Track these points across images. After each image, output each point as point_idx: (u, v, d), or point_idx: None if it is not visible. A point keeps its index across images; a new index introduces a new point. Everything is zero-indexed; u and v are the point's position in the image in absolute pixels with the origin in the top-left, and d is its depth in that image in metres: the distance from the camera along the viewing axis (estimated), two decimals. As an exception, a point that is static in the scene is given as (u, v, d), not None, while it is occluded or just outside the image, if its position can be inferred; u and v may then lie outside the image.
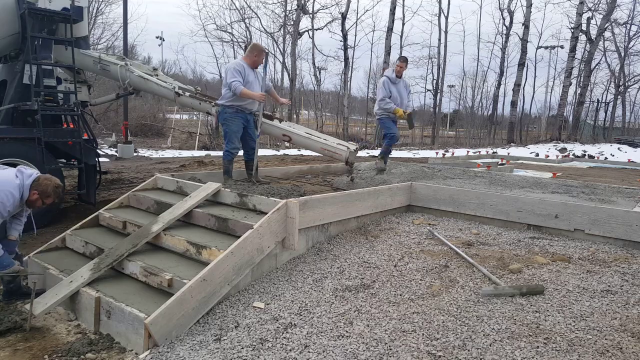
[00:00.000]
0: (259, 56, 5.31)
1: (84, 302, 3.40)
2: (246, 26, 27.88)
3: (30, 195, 3.47)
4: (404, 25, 30.08)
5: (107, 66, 6.98)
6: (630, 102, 35.58)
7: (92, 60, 7.00)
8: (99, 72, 7.26)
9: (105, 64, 6.98)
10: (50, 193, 3.54)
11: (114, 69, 6.97)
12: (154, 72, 7.40)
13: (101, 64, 6.97)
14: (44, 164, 5.55)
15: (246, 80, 5.14)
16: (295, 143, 6.21)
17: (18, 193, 3.41)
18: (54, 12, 6.09)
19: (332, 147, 5.88)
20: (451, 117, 43.83)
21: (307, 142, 6.03)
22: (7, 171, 3.49)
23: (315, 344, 2.75)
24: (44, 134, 5.64)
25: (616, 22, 28.61)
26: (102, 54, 7.22)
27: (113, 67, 6.97)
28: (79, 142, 6.14)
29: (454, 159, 15.63)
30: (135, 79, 6.95)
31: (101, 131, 20.58)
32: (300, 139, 6.03)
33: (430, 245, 4.37)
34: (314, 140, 6.00)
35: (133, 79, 6.95)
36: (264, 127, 6.00)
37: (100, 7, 27.04)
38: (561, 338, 2.73)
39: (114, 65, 6.97)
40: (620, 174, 12.32)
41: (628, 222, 4.29)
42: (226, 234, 3.89)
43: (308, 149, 6.38)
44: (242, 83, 5.07)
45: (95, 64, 7.00)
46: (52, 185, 3.54)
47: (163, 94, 7.04)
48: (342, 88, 30.45)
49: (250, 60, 5.27)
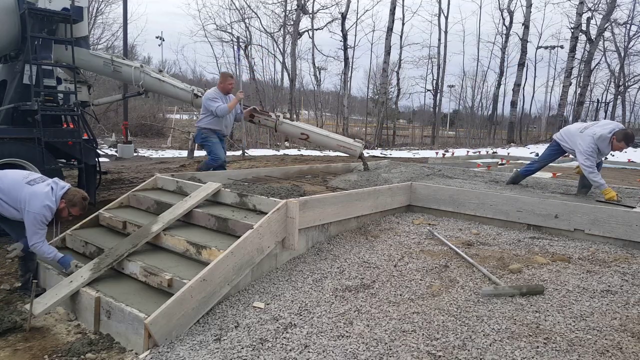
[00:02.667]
0: (225, 82, 6.14)
1: (84, 302, 3.40)
2: (246, 26, 27.85)
3: (59, 204, 3.69)
4: (404, 25, 30.09)
5: (120, 67, 7.02)
6: (630, 102, 35.63)
7: (103, 62, 7.01)
8: (108, 74, 7.26)
9: (118, 65, 7.02)
10: (77, 202, 3.75)
11: (127, 70, 7.03)
12: (160, 74, 7.43)
13: (114, 65, 7.00)
14: (44, 164, 5.55)
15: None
16: (313, 141, 6.70)
17: (55, 205, 3.65)
18: (54, 12, 6.07)
19: (348, 144, 6.48)
20: (451, 117, 43.82)
21: (325, 140, 6.58)
22: (47, 187, 3.67)
23: (315, 344, 2.75)
24: (44, 134, 5.63)
25: (616, 22, 28.61)
26: (113, 55, 7.26)
27: (126, 69, 7.03)
28: (79, 142, 6.13)
29: (454, 159, 15.62)
30: (151, 81, 7.06)
31: (101, 131, 20.60)
32: (319, 137, 6.57)
33: (430, 245, 4.37)
34: (331, 138, 6.55)
35: (148, 81, 7.05)
36: (284, 127, 6.56)
37: (100, 7, 27.07)
38: (561, 338, 2.73)
39: (127, 67, 7.03)
40: (621, 174, 12.32)
41: (628, 222, 4.29)
42: (226, 234, 3.89)
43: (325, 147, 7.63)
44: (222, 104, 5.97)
45: (106, 66, 7.01)
46: (80, 195, 3.79)
47: (179, 96, 7.16)
48: (342, 88, 30.43)
49: (221, 88, 6.16)
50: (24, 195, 3.56)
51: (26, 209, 3.53)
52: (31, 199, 3.55)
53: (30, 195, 3.56)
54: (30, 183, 3.66)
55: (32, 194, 3.58)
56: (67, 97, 6.41)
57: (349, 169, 7.50)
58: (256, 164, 12.53)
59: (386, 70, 27.33)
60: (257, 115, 6.70)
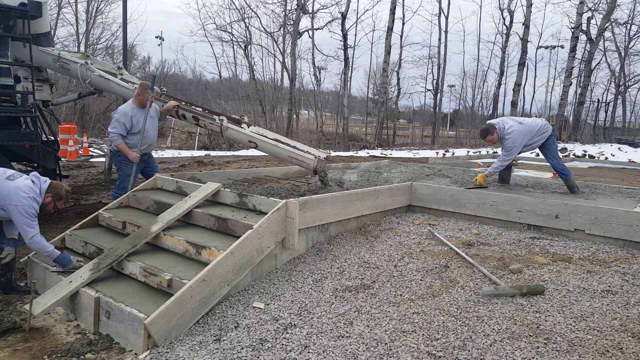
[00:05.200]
0: (144, 94, 5.48)
1: (84, 302, 3.39)
2: (246, 26, 27.88)
3: (45, 199, 3.71)
4: (404, 25, 30.12)
5: (67, 64, 6.53)
6: (631, 102, 35.58)
7: (52, 58, 6.55)
8: (59, 70, 6.82)
9: (65, 62, 6.51)
10: (63, 196, 3.81)
11: (73, 67, 6.50)
12: (118, 71, 6.95)
13: (60, 62, 6.50)
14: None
15: (135, 125, 5.42)
16: (262, 150, 5.76)
17: (40, 198, 3.67)
18: (10, 7, 5.81)
19: (300, 156, 5.45)
20: (451, 117, 43.82)
21: (274, 149, 5.58)
22: (27, 180, 3.69)
23: (315, 345, 2.74)
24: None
25: (616, 22, 28.61)
26: (62, 51, 6.72)
27: (73, 66, 6.51)
28: (37, 145, 5.84)
29: (455, 158, 15.61)
30: (96, 79, 6.48)
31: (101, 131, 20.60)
32: (267, 146, 5.59)
33: (430, 246, 4.36)
34: (280, 148, 5.55)
35: (94, 79, 6.49)
36: (230, 133, 5.71)
37: (100, 7, 27.09)
38: (561, 338, 2.72)
39: (74, 63, 6.50)
40: (621, 174, 12.30)
41: (628, 222, 4.29)
42: (226, 234, 3.89)
43: (275, 157, 5.90)
44: (125, 133, 5.38)
45: (55, 62, 6.55)
46: (64, 189, 3.84)
47: (124, 95, 6.47)
48: (342, 88, 30.42)
49: (137, 102, 5.52)
50: (7, 190, 3.53)
51: (12, 204, 3.50)
52: (15, 193, 3.53)
53: (14, 190, 3.54)
54: (10, 178, 3.63)
55: (15, 188, 3.55)
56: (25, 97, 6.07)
57: (349, 169, 7.50)
58: (256, 164, 12.53)
59: (386, 70, 27.33)
60: (201, 119, 5.88)
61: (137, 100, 5.50)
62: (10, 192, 3.53)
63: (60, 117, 18.67)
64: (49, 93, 6.90)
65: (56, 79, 11.25)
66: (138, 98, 5.50)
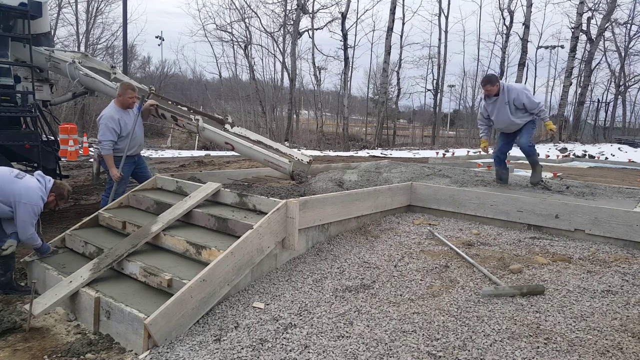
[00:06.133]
0: (125, 94, 5.25)
1: (84, 302, 3.39)
2: (246, 26, 27.90)
3: (48, 197, 3.85)
4: (404, 25, 30.10)
5: (58, 64, 6.47)
6: (631, 102, 35.56)
7: (44, 58, 6.50)
8: (52, 70, 6.75)
9: (56, 61, 6.45)
10: (65, 195, 4.01)
11: (63, 66, 6.44)
12: (112, 70, 6.87)
13: (51, 61, 6.45)
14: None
15: (123, 128, 5.22)
16: (238, 152, 5.71)
17: (46, 196, 3.81)
18: (10, 7, 5.81)
19: (275, 159, 5.43)
20: (451, 117, 43.82)
21: (250, 152, 5.52)
22: (33, 179, 3.82)
23: (315, 345, 2.74)
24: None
25: (616, 22, 28.59)
26: (54, 50, 6.66)
27: (62, 65, 6.44)
28: (37, 145, 5.85)
29: (455, 159, 15.61)
30: (83, 78, 6.42)
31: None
32: (244, 148, 5.50)
33: (430, 246, 4.36)
34: (256, 151, 5.48)
35: (81, 78, 6.43)
36: (207, 134, 5.63)
37: (100, 7, 27.11)
38: (561, 338, 2.72)
39: (63, 62, 6.43)
40: (621, 174, 12.30)
41: (628, 222, 4.28)
42: (226, 234, 3.89)
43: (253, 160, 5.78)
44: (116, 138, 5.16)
45: (47, 61, 6.51)
46: (66, 189, 4.04)
47: (110, 94, 6.34)
48: (342, 88, 30.43)
49: (119, 103, 5.28)
50: (18, 189, 3.62)
51: (22, 202, 3.59)
52: (27, 191, 3.64)
53: (26, 188, 3.65)
54: (18, 177, 3.73)
55: (27, 186, 3.67)
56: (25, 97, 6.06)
57: (349, 169, 7.50)
58: (256, 164, 12.51)
59: (386, 70, 27.34)
60: (179, 119, 5.79)
61: (118, 101, 5.29)
62: (21, 190, 3.63)
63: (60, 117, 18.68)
64: (49, 93, 6.91)
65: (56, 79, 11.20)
66: (119, 99, 5.28)
